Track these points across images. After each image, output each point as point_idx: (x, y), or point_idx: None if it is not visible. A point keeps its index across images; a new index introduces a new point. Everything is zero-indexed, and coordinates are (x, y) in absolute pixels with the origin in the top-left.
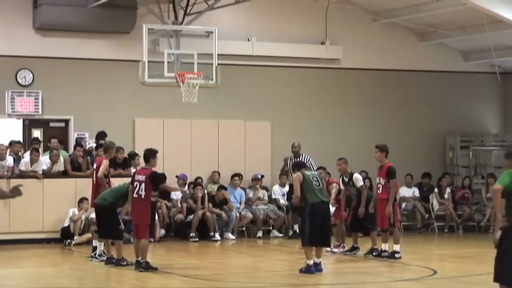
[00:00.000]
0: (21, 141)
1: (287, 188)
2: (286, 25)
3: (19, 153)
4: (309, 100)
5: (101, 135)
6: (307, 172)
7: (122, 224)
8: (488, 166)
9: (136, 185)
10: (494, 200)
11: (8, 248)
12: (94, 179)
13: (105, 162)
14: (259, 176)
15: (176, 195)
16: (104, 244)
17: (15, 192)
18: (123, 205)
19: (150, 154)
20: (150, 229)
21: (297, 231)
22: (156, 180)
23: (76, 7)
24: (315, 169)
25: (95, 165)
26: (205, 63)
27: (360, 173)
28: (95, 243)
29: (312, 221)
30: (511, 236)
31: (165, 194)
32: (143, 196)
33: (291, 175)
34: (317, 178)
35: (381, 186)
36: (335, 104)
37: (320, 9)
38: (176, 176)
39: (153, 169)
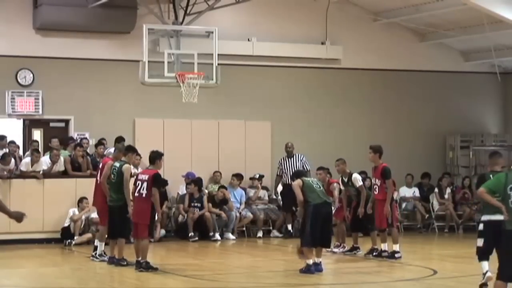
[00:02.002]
0: (15, 141)
1: (280, 187)
2: (286, 25)
3: (15, 153)
4: (309, 100)
5: (118, 140)
6: (306, 178)
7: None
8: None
9: (138, 184)
10: (486, 200)
11: (8, 248)
12: (99, 179)
13: (109, 165)
14: (257, 176)
15: (182, 190)
16: (106, 244)
17: (18, 216)
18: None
19: (157, 156)
20: (149, 229)
21: (291, 230)
22: (157, 182)
23: (76, 7)
24: (308, 168)
25: (100, 165)
26: (205, 63)
27: (359, 174)
28: (96, 242)
29: (315, 222)
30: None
31: (164, 196)
32: (144, 195)
33: (286, 174)
34: (316, 182)
35: (377, 187)
36: (335, 104)
37: (320, 9)
38: (183, 176)
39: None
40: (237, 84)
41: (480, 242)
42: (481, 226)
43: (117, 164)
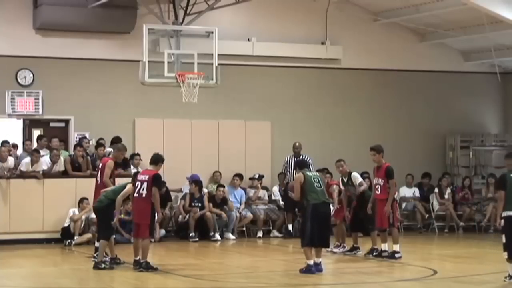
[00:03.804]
0: (8, 141)
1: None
2: (286, 25)
3: (11, 152)
4: (309, 100)
5: (115, 140)
6: (309, 173)
7: (112, 225)
8: (488, 166)
9: (138, 184)
10: None
11: (8, 248)
12: (98, 179)
13: (109, 164)
14: (256, 176)
15: (184, 189)
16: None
17: None
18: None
19: (159, 158)
20: (150, 229)
21: (291, 230)
22: (157, 182)
23: (76, 7)
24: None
25: (100, 165)
26: (205, 63)
27: (361, 175)
28: (97, 243)
29: (314, 222)
30: None
31: (167, 196)
32: (144, 195)
33: (289, 173)
34: (318, 179)
35: (379, 186)
36: (335, 104)
37: (320, 9)
38: (187, 178)
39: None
40: (237, 84)
41: (504, 238)
42: (502, 222)
43: (123, 183)
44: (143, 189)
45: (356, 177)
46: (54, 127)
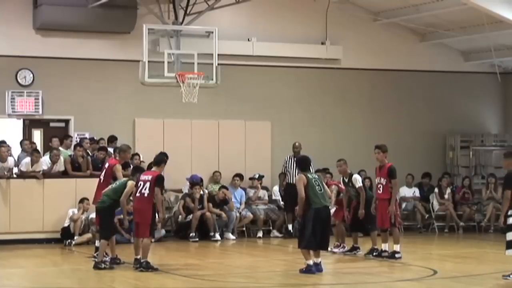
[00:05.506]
0: (5, 141)
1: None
2: (286, 25)
3: (6, 153)
4: (309, 100)
5: (111, 139)
6: (310, 176)
7: (115, 224)
8: (488, 166)
9: (140, 184)
10: None
11: (8, 248)
12: (102, 178)
13: (118, 168)
14: (256, 176)
15: (184, 190)
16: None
17: None
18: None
19: (162, 159)
20: (150, 229)
21: (291, 230)
22: (160, 182)
23: (76, 7)
24: (313, 172)
25: (107, 165)
26: (205, 63)
27: (359, 173)
28: (97, 243)
29: (315, 225)
30: None
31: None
32: (146, 195)
33: (289, 173)
34: (318, 182)
35: (381, 186)
36: (335, 104)
37: (320, 9)
38: (187, 178)
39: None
40: (237, 84)
41: (509, 236)
42: (509, 220)
43: (123, 181)
44: (145, 189)
45: (357, 179)
46: (54, 127)
